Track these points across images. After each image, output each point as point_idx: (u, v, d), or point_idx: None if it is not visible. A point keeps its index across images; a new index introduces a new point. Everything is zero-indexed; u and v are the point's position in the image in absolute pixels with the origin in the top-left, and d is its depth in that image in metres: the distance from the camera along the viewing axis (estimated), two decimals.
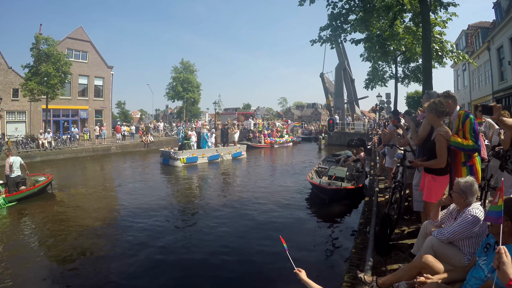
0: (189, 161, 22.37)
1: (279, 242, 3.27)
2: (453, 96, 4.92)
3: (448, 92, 4.99)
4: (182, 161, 22.01)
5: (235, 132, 30.18)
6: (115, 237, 8.98)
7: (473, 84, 31.06)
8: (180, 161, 21.96)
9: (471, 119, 4.45)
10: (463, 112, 4.60)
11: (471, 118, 4.46)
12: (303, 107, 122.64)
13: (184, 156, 22.26)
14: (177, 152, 22.45)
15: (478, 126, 4.73)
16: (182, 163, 21.98)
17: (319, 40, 13.39)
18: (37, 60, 28.78)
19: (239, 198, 13.14)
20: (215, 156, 24.43)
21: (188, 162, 22.31)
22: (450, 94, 4.93)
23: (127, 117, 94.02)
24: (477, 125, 4.60)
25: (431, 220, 4.06)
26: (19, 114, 34.17)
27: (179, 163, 21.88)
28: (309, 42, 13.42)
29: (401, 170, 6.14)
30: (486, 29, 27.90)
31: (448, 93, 4.93)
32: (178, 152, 22.46)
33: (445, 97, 4.85)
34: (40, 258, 7.68)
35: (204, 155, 23.64)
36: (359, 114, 49.13)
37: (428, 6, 11.30)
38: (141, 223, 9.90)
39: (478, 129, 4.56)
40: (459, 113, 4.63)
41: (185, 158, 22.21)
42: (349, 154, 18.07)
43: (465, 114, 4.55)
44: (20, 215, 11.30)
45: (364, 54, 22.69)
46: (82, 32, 39.67)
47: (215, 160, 24.19)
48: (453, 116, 4.74)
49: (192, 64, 55.12)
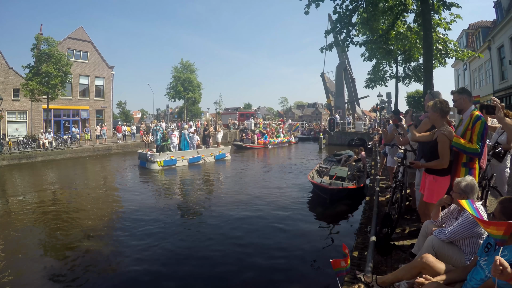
0: (167, 164, 20.73)
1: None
2: (468, 91, 4.78)
3: (463, 88, 4.91)
4: (159, 164, 20.41)
5: (218, 133, 28.35)
6: (102, 239, 8.98)
7: (474, 83, 31.09)
8: (157, 164, 20.36)
9: (482, 122, 4.32)
10: (476, 113, 4.43)
11: (482, 121, 4.33)
12: (303, 106, 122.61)
13: (161, 158, 20.65)
14: (154, 154, 20.86)
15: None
16: (160, 166, 20.39)
17: (328, 47, 13.44)
18: (38, 60, 28.77)
19: (222, 201, 12.76)
20: (196, 158, 22.79)
21: (166, 165, 20.69)
22: (465, 89, 4.80)
23: (128, 117, 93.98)
24: (487, 130, 4.49)
25: (432, 219, 4.05)
26: (20, 114, 34.21)
27: (156, 166, 20.30)
28: (309, 42, 13.94)
29: (401, 169, 6.13)
30: (487, 28, 27.89)
31: (463, 89, 4.79)
32: (155, 154, 20.84)
33: (459, 93, 4.69)
34: (38, 257, 7.71)
35: (183, 158, 22.08)
36: (359, 114, 49.12)
37: (429, 6, 11.30)
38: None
39: (486, 135, 4.46)
40: (472, 113, 4.46)
41: (163, 161, 20.61)
42: (350, 154, 18.03)
43: (477, 116, 4.38)
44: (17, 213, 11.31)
45: (365, 54, 22.73)
46: (82, 32, 39.72)
47: (196, 163, 22.62)
48: (466, 114, 4.57)
49: (192, 64, 55.31)
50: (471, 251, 3.44)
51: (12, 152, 24.69)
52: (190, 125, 30.97)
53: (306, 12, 12.27)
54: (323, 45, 13.72)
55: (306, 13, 12.30)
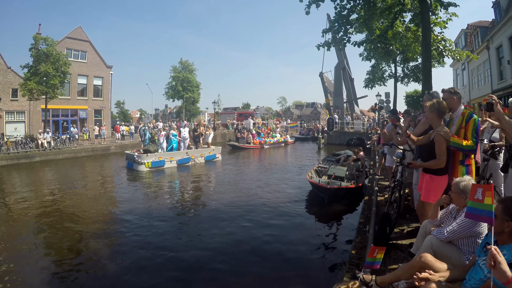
0: (154, 166, 20.20)
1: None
2: (458, 93, 4.93)
3: (454, 88, 5.00)
4: (146, 166, 19.87)
5: (209, 134, 26.38)
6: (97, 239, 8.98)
7: (473, 83, 31.13)
8: (145, 165, 19.84)
9: (475, 120, 4.49)
10: (468, 111, 4.62)
11: (475, 119, 4.50)
12: (302, 106, 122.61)
13: (149, 160, 20.09)
14: (141, 155, 20.19)
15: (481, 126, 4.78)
16: (147, 167, 19.86)
17: (325, 45, 13.43)
18: (36, 60, 28.68)
19: (214, 202, 12.66)
20: (185, 159, 22.23)
21: (154, 166, 20.17)
22: (456, 90, 4.93)
23: (126, 117, 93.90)
24: (480, 126, 4.65)
25: (431, 219, 4.06)
26: (18, 114, 34.10)
27: (144, 167, 19.80)
28: (308, 41, 13.95)
29: (400, 169, 6.13)
30: (486, 28, 27.91)
31: (454, 90, 4.93)
32: (142, 155, 20.20)
33: (450, 93, 4.84)
34: (36, 256, 7.74)
35: (172, 159, 21.43)
36: (358, 114, 49.05)
37: (428, 6, 11.31)
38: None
39: (480, 131, 4.61)
40: (463, 112, 4.65)
41: (150, 162, 20.04)
42: (349, 154, 18.03)
43: (470, 113, 4.58)
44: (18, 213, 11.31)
45: (363, 54, 22.78)
46: (81, 31, 39.62)
47: (185, 164, 22.04)
48: (456, 114, 4.74)
49: (191, 64, 55.15)
50: (469, 251, 3.45)
51: (11, 152, 24.70)
52: (179, 125, 28.90)
53: (307, 12, 12.27)
54: (326, 47, 13.68)
55: (307, 13, 12.30)
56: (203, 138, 25.35)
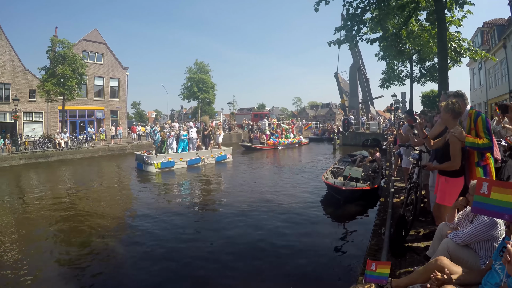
0: (164, 166, 20.02)
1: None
2: (463, 95, 4.91)
3: (458, 91, 4.96)
4: (156, 166, 19.71)
5: (219, 134, 26.07)
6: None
7: (490, 82, 30.47)
8: (154, 166, 19.70)
9: (482, 117, 4.43)
10: (474, 111, 4.57)
11: (482, 116, 4.45)
12: (317, 107, 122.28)
13: (158, 160, 19.94)
14: (150, 156, 20.12)
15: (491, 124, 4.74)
16: (157, 168, 19.71)
17: (337, 42, 13.32)
18: (53, 62, 29.31)
19: (227, 203, 12.66)
20: (195, 160, 21.97)
21: (164, 167, 19.99)
22: (460, 93, 4.92)
23: (142, 118, 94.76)
24: (490, 122, 4.60)
25: (447, 222, 4.00)
26: (36, 114, 34.86)
27: (153, 168, 19.66)
28: (321, 42, 13.50)
29: (416, 170, 6.06)
30: (502, 26, 27.30)
31: (458, 93, 4.92)
32: (151, 156, 20.13)
33: (455, 96, 4.81)
34: (54, 253, 7.89)
35: (182, 160, 21.26)
36: (374, 114, 48.74)
37: (443, 4, 11.15)
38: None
39: (491, 127, 4.54)
40: (470, 112, 4.59)
41: (160, 163, 19.88)
42: (365, 154, 17.84)
43: (476, 113, 4.53)
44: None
45: (379, 54, 22.53)
46: (97, 34, 40.28)
47: (196, 165, 21.77)
48: (463, 116, 4.67)
49: (206, 65, 55.19)
50: (486, 255, 3.39)
51: (29, 152, 25.26)
52: (188, 125, 26.89)
53: (316, 9, 12.25)
54: (337, 45, 13.58)
55: (316, 10, 12.27)
56: (213, 139, 25.00)
